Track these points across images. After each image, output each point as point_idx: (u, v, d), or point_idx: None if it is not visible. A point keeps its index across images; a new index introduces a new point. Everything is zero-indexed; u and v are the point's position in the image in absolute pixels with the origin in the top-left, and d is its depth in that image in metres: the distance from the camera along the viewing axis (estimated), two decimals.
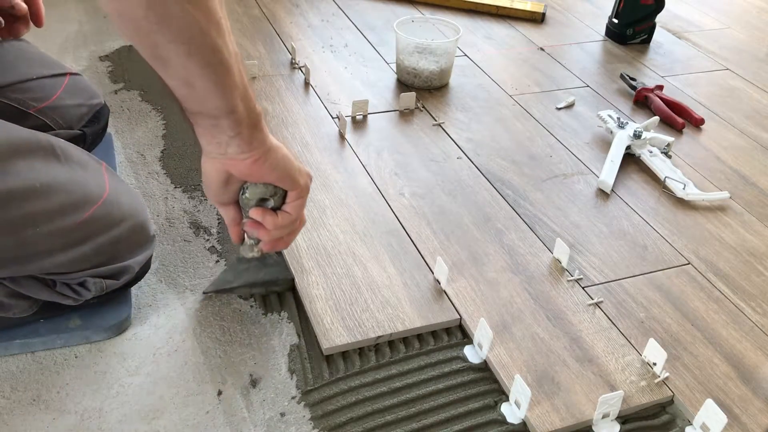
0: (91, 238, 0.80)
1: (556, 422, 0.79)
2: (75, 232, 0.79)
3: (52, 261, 0.79)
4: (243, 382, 0.83)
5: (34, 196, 0.75)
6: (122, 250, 0.85)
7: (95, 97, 1.08)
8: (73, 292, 0.84)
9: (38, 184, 0.76)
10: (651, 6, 1.66)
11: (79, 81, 1.06)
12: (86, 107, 1.05)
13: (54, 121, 1.00)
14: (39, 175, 0.76)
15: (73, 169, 0.81)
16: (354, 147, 1.24)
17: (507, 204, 1.13)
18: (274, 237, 0.83)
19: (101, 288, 0.84)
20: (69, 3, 1.69)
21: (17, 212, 0.74)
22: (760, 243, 1.09)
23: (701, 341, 0.91)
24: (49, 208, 0.76)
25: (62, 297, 0.84)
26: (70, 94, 1.03)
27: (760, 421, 0.82)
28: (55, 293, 0.83)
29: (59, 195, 0.77)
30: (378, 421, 0.79)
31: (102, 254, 0.82)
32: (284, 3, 1.75)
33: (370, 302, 0.92)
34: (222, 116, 0.67)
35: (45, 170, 0.77)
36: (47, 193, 0.76)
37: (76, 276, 0.82)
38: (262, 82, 1.40)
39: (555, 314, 0.93)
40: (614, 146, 1.25)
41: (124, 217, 0.84)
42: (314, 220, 1.06)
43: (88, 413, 0.78)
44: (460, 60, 1.55)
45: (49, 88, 1.00)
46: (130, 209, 0.85)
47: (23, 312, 0.83)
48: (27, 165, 0.76)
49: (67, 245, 0.79)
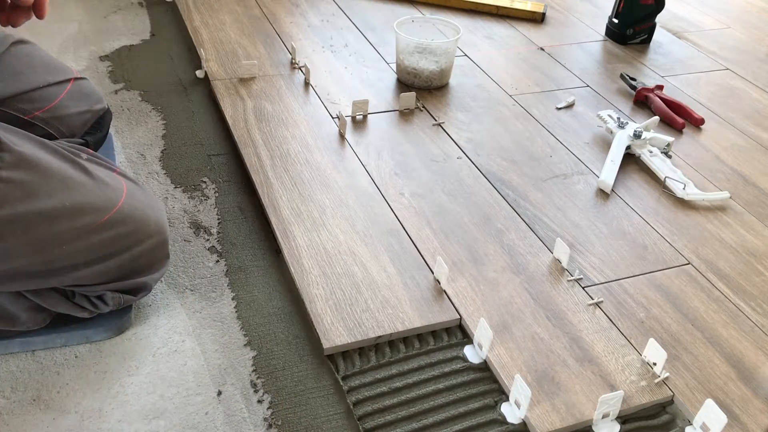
0: (116, 255, 0.82)
1: (556, 422, 0.79)
2: (101, 249, 0.80)
3: (76, 275, 0.80)
4: (243, 382, 0.83)
5: (63, 215, 0.77)
6: (143, 265, 0.86)
7: (99, 102, 1.06)
8: (91, 305, 0.84)
9: (68, 203, 0.77)
10: (651, 6, 1.66)
11: (83, 85, 1.05)
12: (90, 114, 1.04)
13: (57, 130, 0.99)
14: (70, 194, 0.78)
15: (99, 184, 0.82)
16: (354, 147, 1.24)
17: (507, 204, 1.13)
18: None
19: (119, 302, 0.85)
20: (69, 3, 1.69)
21: (47, 231, 0.76)
22: (760, 243, 1.09)
23: (701, 341, 0.91)
24: (78, 227, 0.78)
25: (79, 309, 0.84)
26: (74, 100, 1.02)
27: (760, 421, 0.82)
28: (73, 305, 0.84)
29: (88, 215, 0.79)
30: (378, 421, 0.79)
31: (124, 269, 0.83)
32: (284, 3, 1.75)
33: (370, 302, 0.92)
34: None
35: (75, 188, 0.79)
36: (77, 212, 0.78)
37: (96, 289, 0.83)
38: (262, 82, 1.40)
39: (555, 314, 0.93)
40: (614, 146, 1.25)
41: (150, 234, 0.84)
42: (314, 220, 1.06)
43: (88, 413, 0.78)
44: (460, 60, 1.55)
45: (54, 95, 1.00)
46: (156, 227, 0.86)
47: (36, 325, 0.84)
48: (60, 184, 0.78)
49: (91, 261, 0.80)
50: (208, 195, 1.12)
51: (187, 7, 1.67)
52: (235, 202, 1.11)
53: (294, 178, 1.14)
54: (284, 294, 0.95)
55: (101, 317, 0.87)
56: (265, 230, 1.06)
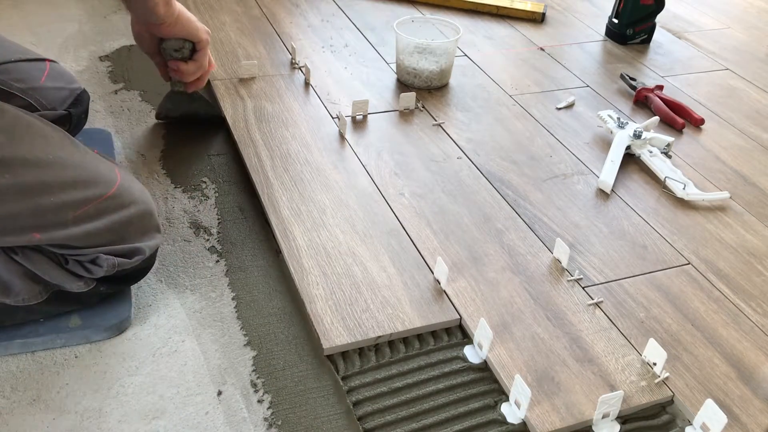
0: (104, 215, 0.84)
1: (556, 422, 0.79)
2: (88, 206, 0.82)
3: (66, 233, 0.81)
4: (243, 382, 0.83)
5: (48, 167, 0.81)
6: (133, 231, 0.87)
7: (74, 82, 1.12)
8: (85, 270, 0.84)
9: (52, 157, 0.81)
10: (651, 6, 1.66)
11: (57, 67, 1.11)
12: (67, 90, 1.09)
13: (38, 102, 1.03)
14: (54, 151, 0.82)
15: (88, 154, 0.87)
16: (354, 147, 1.24)
17: (507, 204, 1.13)
18: (190, 80, 1.16)
19: (113, 265, 0.85)
20: (69, 3, 1.69)
21: (32, 178, 0.79)
22: (760, 243, 1.09)
23: (701, 341, 0.91)
24: (63, 180, 0.81)
25: (73, 277, 0.84)
26: (51, 78, 1.07)
27: (760, 421, 0.82)
28: (66, 272, 0.84)
29: (73, 170, 0.83)
30: (378, 421, 0.79)
31: (114, 232, 0.85)
32: (284, 3, 1.75)
33: (370, 302, 0.92)
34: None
35: (60, 148, 0.83)
36: (61, 166, 0.82)
37: (87, 252, 0.84)
38: (262, 82, 1.40)
39: (555, 314, 0.93)
40: (614, 146, 1.25)
41: (134, 201, 0.88)
42: (314, 220, 1.06)
43: (88, 413, 0.78)
44: (460, 60, 1.55)
45: (28, 71, 1.04)
46: (141, 196, 0.89)
47: (33, 299, 0.83)
48: (43, 141, 0.82)
49: (80, 218, 0.82)
50: (208, 195, 1.12)
51: (187, 7, 1.67)
52: (235, 202, 1.11)
53: (294, 178, 1.14)
54: (284, 294, 0.95)
55: (101, 317, 0.87)
56: (265, 230, 1.06)
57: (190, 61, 1.13)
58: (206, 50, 1.13)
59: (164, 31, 1.06)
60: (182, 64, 1.12)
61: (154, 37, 1.10)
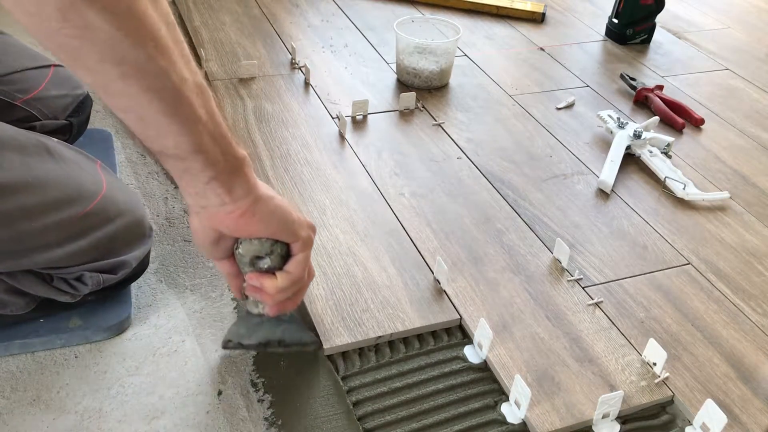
0: (88, 232, 0.81)
1: (556, 422, 0.79)
2: (71, 227, 0.79)
3: (49, 256, 0.79)
4: (243, 382, 0.83)
5: (27, 190, 0.76)
6: (119, 245, 0.85)
7: (78, 87, 1.08)
8: (70, 287, 0.83)
9: (30, 178, 0.76)
10: (651, 6, 1.66)
11: (62, 72, 1.07)
12: (70, 97, 1.06)
13: (40, 112, 1.00)
14: (32, 171, 0.77)
15: (68, 166, 0.82)
16: (354, 147, 1.24)
17: (507, 204, 1.13)
18: (278, 300, 0.74)
19: (98, 282, 0.84)
20: None
21: (11, 204, 0.74)
22: (760, 243, 1.09)
23: (701, 341, 0.91)
24: (44, 202, 0.77)
25: (59, 293, 0.83)
26: (54, 84, 1.03)
27: (760, 421, 0.82)
28: (51, 288, 0.83)
29: (53, 189, 0.78)
30: (378, 421, 0.79)
31: (98, 249, 0.82)
32: (284, 3, 1.75)
33: (370, 302, 0.92)
34: (188, 157, 0.59)
35: (38, 166, 0.78)
36: (41, 187, 0.77)
37: (72, 270, 0.82)
38: (262, 82, 1.40)
39: (555, 314, 0.93)
40: (614, 146, 1.25)
41: (120, 213, 0.84)
42: (314, 221, 1.06)
43: (88, 413, 0.78)
44: (460, 60, 1.55)
45: (34, 79, 1.01)
46: (126, 205, 0.85)
47: (20, 309, 0.83)
48: (19, 160, 0.76)
49: (63, 240, 0.79)
50: None
51: (187, 7, 1.67)
52: None
53: (294, 178, 1.14)
54: None
55: (101, 317, 0.87)
56: None
57: (280, 273, 0.73)
58: (308, 254, 0.75)
59: (234, 224, 0.66)
60: (268, 279, 0.73)
61: (222, 235, 0.70)
